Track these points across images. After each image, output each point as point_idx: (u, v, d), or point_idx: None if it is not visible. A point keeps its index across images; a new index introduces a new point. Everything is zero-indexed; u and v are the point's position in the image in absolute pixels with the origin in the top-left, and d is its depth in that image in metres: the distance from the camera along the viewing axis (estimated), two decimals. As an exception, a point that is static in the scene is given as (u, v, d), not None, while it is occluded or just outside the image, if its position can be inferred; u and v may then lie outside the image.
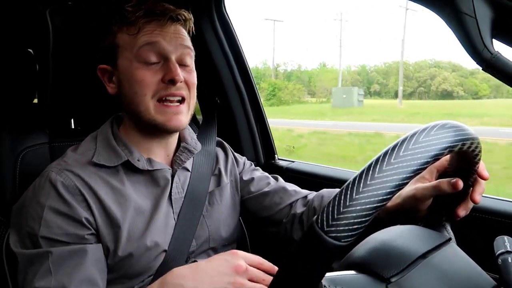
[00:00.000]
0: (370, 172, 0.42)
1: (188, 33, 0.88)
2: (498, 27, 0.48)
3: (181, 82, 0.80)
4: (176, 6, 0.87)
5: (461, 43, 0.49)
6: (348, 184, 0.42)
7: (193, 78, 0.85)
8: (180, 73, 0.80)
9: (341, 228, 0.40)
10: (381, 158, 0.43)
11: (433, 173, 0.70)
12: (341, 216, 0.40)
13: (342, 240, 0.40)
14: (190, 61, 0.85)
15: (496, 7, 0.47)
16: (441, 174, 0.70)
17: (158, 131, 0.84)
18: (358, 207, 0.40)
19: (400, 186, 0.42)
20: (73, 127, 1.11)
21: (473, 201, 0.63)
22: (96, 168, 0.81)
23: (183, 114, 0.82)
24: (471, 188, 0.63)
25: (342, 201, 0.41)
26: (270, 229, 1.02)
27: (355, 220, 0.40)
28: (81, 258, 0.74)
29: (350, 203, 0.41)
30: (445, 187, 0.63)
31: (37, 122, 1.00)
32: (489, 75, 0.50)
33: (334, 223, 0.40)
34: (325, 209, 0.42)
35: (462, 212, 0.64)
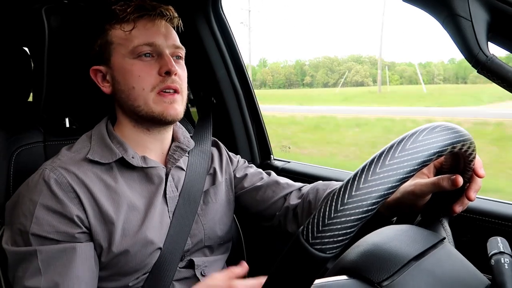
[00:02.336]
0: (356, 182, 0.41)
1: (177, 30, 0.90)
2: (493, 30, 0.48)
3: (175, 74, 0.82)
4: (172, 4, 0.87)
5: (456, 45, 0.50)
6: (334, 194, 0.41)
7: (184, 72, 0.89)
8: (175, 65, 0.82)
9: (326, 240, 0.40)
10: (366, 167, 0.42)
11: (431, 168, 0.70)
12: (326, 228, 0.40)
13: (327, 252, 0.40)
14: (181, 55, 0.89)
15: (492, 10, 0.47)
16: (438, 168, 0.70)
17: (156, 123, 0.85)
18: (343, 219, 0.40)
19: (386, 196, 0.41)
20: (67, 126, 1.11)
21: (468, 199, 0.63)
22: (91, 165, 0.81)
23: (178, 103, 0.85)
24: (467, 185, 0.63)
25: (327, 213, 0.40)
26: (264, 223, 1.02)
27: (340, 232, 0.40)
28: (71, 257, 0.73)
29: (335, 214, 0.40)
30: (445, 184, 0.62)
31: (32, 121, 0.99)
32: (404, 67, 0.50)
33: (319, 235, 0.40)
34: (310, 220, 0.41)
35: (458, 208, 0.64)
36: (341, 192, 0.41)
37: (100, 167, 0.82)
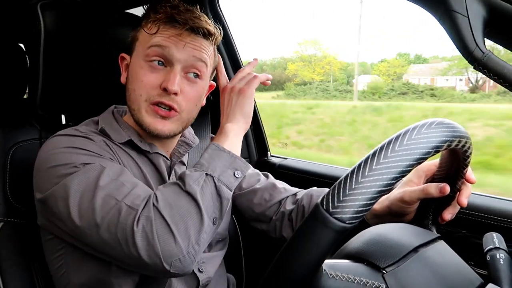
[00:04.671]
0: (375, 158, 0.43)
1: (215, 45, 0.86)
2: (490, 26, 0.49)
3: (174, 93, 0.78)
4: None
5: (453, 42, 0.50)
6: (354, 168, 0.43)
7: (196, 92, 0.83)
8: (177, 84, 0.78)
9: (346, 210, 0.41)
10: (385, 145, 0.44)
11: (421, 178, 0.72)
12: (347, 198, 0.41)
13: (347, 222, 0.41)
14: (200, 74, 0.82)
15: (488, 6, 0.48)
16: (429, 179, 0.72)
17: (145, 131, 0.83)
18: (364, 190, 0.42)
19: (403, 173, 0.43)
20: (64, 122, 1.10)
21: (460, 204, 0.65)
22: (105, 137, 0.82)
23: (173, 121, 0.81)
24: (458, 192, 0.65)
25: (348, 184, 0.42)
26: (260, 226, 1.02)
27: (361, 203, 0.41)
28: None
29: (356, 185, 0.42)
30: (432, 191, 0.65)
31: (28, 118, 0.99)
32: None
33: (339, 204, 0.41)
34: (331, 191, 0.43)
35: (448, 216, 0.67)
36: (362, 166, 0.43)
37: (111, 143, 0.82)
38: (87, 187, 0.68)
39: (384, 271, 0.48)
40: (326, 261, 0.47)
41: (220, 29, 0.84)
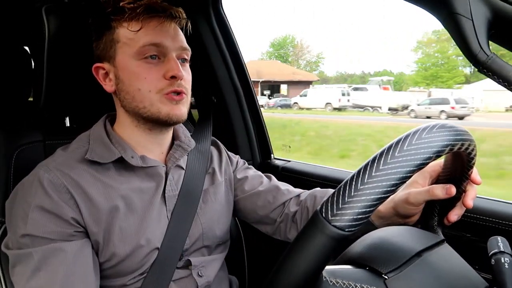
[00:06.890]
0: (375, 164, 0.43)
1: (184, 32, 0.88)
2: (494, 29, 0.48)
3: (181, 79, 0.81)
4: (173, 4, 0.87)
5: (457, 44, 0.50)
6: (353, 175, 0.43)
7: (189, 75, 0.87)
8: (181, 70, 0.81)
9: (345, 218, 0.41)
10: (385, 151, 0.44)
11: (427, 179, 0.71)
12: (346, 205, 0.41)
13: (346, 230, 0.41)
14: (187, 58, 0.87)
15: (493, 8, 0.47)
16: (434, 180, 0.71)
17: (159, 124, 0.84)
18: (363, 197, 0.41)
19: (403, 179, 0.43)
20: (68, 125, 1.11)
21: (466, 206, 0.64)
22: (88, 165, 0.80)
23: (184, 104, 0.84)
24: (464, 193, 0.64)
25: (347, 191, 0.42)
26: (264, 228, 1.02)
27: (360, 210, 0.41)
28: (69, 255, 0.73)
29: (355, 193, 0.41)
30: (438, 193, 0.64)
31: (32, 120, 0.99)
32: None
33: (338, 212, 0.41)
34: (330, 198, 0.42)
35: (454, 217, 0.66)
36: (361, 173, 0.42)
37: (97, 167, 0.81)
38: (23, 275, 0.72)
39: (385, 277, 0.48)
40: (327, 267, 0.46)
41: (182, 12, 0.87)
